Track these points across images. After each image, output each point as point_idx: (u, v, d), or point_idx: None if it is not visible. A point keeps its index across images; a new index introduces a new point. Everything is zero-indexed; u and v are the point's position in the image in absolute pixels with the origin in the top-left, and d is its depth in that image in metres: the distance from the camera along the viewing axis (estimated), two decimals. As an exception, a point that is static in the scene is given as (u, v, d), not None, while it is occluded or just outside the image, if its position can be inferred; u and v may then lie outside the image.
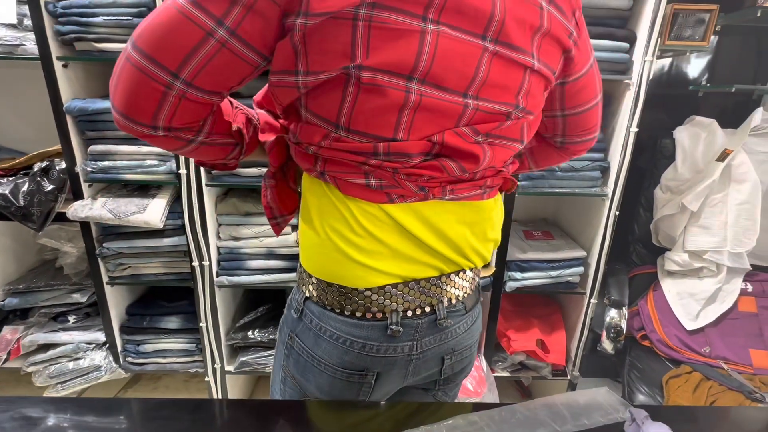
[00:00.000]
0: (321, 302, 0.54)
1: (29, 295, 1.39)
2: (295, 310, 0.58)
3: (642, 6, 1.13)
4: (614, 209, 1.27)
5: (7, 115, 1.52)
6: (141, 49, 0.41)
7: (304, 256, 0.56)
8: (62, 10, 1.09)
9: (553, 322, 1.49)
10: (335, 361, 0.54)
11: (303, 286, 0.57)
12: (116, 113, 0.44)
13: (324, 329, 0.54)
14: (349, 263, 0.51)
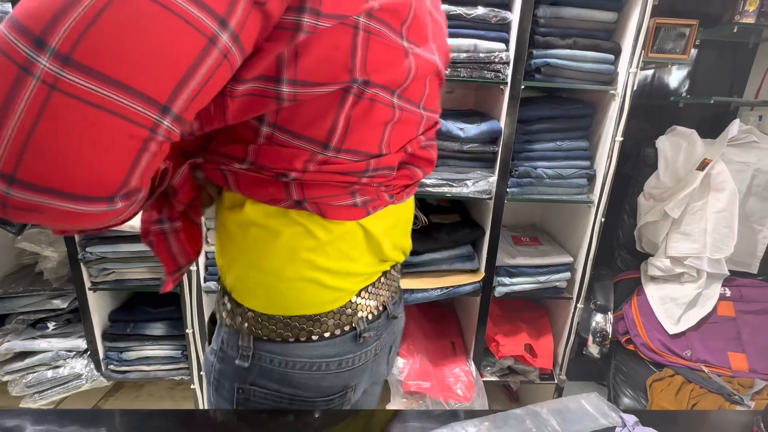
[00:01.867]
0: (282, 336, 0.47)
1: (6, 300, 1.34)
2: (240, 358, 0.48)
3: (627, 20, 1.17)
4: (600, 216, 1.30)
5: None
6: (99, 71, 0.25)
7: (253, 297, 0.47)
8: (47, 8, 1.06)
9: (541, 326, 1.51)
10: (312, 393, 0.49)
11: (247, 328, 0.48)
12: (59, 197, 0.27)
13: (292, 363, 0.48)
14: (322, 290, 0.47)
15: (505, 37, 1.15)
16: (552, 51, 1.15)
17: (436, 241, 1.33)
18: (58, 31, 0.25)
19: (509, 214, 1.71)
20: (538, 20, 1.14)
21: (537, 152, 1.26)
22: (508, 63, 1.15)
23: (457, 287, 1.32)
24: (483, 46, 1.14)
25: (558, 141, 1.27)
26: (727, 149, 1.35)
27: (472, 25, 1.14)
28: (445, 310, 1.71)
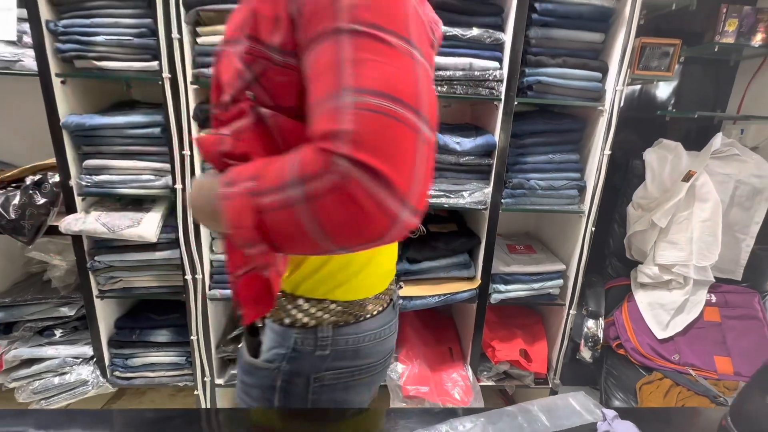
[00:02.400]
0: (355, 318, 0.58)
1: (15, 308, 1.37)
2: (320, 348, 0.56)
3: (613, 40, 1.24)
4: (590, 225, 1.36)
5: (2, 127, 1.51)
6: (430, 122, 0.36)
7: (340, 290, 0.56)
8: (63, 28, 1.11)
9: (535, 332, 1.56)
10: (374, 359, 0.61)
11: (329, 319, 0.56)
12: (412, 214, 0.35)
13: (362, 338, 0.59)
14: (384, 273, 0.61)
15: (499, 57, 1.22)
16: (543, 69, 1.22)
17: (434, 250, 1.38)
18: (422, 103, 0.36)
19: (504, 223, 1.76)
20: (529, 41, 1.21)
21: (530, 164, 1.32)
22: (501, 80, 1.21)
23: (454, 294, 1.36)
24: (478, 65, 1.20)
25: (550, 154, 1.33)
26: (711, 161, 1.42)
27: (468, 45, 1.20)
28: (443, 316, 1.76)
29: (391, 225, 0.34)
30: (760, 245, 1.42)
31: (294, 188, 0.34)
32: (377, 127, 0.33)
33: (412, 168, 0.34)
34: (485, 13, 1.21)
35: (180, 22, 1.11)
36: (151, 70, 1.15)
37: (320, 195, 0.33)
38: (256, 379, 0.59)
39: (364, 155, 0.32)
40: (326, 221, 0.34)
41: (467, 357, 1.50)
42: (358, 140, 0.32)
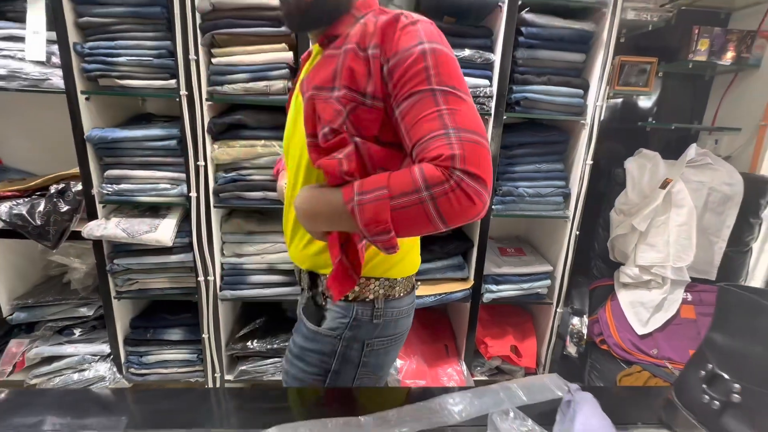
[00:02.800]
0: (404, 292, 0.76)
1: (37, 309, 1.46)
2: (375, 317, 0.73)
3: (594, 60, 1.35)
4: (575, 229, 1.46)
5: (17, 139, 1.60)
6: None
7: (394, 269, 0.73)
8: (89, 50, 1.22)
9: (526, 329, 1.66)
10: (405, 328, 0.79)
11: (383, 293, 0.73)
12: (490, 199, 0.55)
13: (402, 311, 0.76)
14: (414, 260, 0.79)
15: (489, 75, 1.33)
16: (529, 87, 1.33)
17: (430, 253, 1.48)
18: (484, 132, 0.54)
19: (497, 228, 1.88)
20: (517, 61, 1.32)
21: (518, 173, 1.43)
22: (491, 96, 1.32)
23: (449, 294, 1.47)
24: (470, 83, 1.31)
25: (537, 163, 1.44)
26: (686, 170, 1.53)
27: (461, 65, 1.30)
28: (439, 315, 1.86)
29: (484, 207, 0.53)
30: (732, 247, 1.53)
31: (424, 192, 0.51)
32: (472, 150, 0.51)
33: (491, 171, 0.53)
34: (476, 36, 1.32)
35: (197, 45, 1.22)
36: (170, 88, 1.25)
37: (445, 194, 0.50)
38: (318, 344, 0.74)
39: (470, 167, 0.50)
40: (447, 211, 0.51)
41: (462, 353, 1.60)
42: (465, 158, 0.50)
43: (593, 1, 1.27)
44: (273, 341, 1.54)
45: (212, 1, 1.20)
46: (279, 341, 1.55)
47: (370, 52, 0.57)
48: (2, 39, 1.23)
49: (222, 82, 1.26)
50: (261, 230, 1.45)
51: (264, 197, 1.36)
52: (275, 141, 1.32)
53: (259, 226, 1.45)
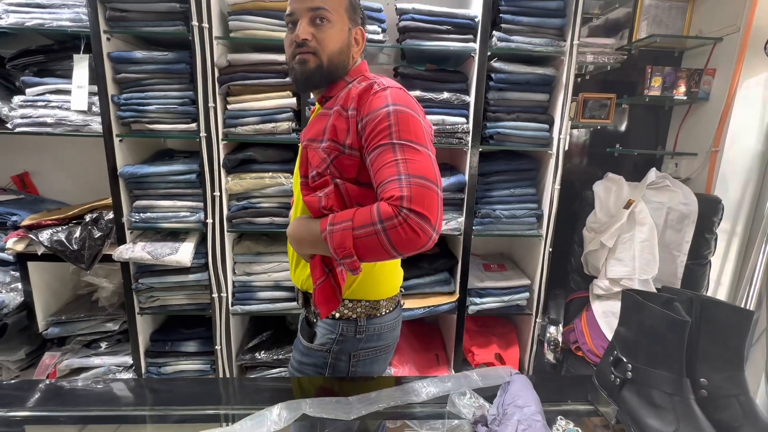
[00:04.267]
0: (387, 310, 0.89)
1: (69, 324, 1.64)
2: (358, 333, 0.86)
3: (556, 99, 1.56)
4: (548, 247, 1.63)
5: (53, 173, 1.82)
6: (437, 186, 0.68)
7: (372, 292, 0.86)
8: (124, 101, 1.44)
9: (509, 339, 1.81)
10: (391, 340, 0.91)
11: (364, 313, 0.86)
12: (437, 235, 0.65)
13: (384, 326, 0.88)
14: (393, 284, 0.92)
15: (465, 114, 1.53)
16: (501, 123, 1.53)
17: (419, 269, 1.65)
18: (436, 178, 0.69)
19: (482, 246, 2.05)
20: (489, 101, 1.53)
21: (495, 197, 1.62)
22: (468, 132, 1.52)
23: (437, 306, 1.63)
24: (449, 120, 1.51)
25: (511, 188, 1.62)
26: (647, 191, 1.71)
27: (440, 105, 1.51)
28: (430, 327, 2.01)
29: (428, 241, 0.65)
30: (692, 260, 1.69)
31: (378, 225, 0.64)
32: (419, 193, 0.64)
33: (437, 211, 0.66)
34: (453, 81, 1.54)
35: (215, 94, 1.43)
36: (191, 130, 1.46)
37: (393, 227, 0.63)
38: (311, 359, 0.88)
39: (416, 206, 0.64)
40: (396, 241, 0.64)
41: (451, 361, 1.75)
42: (411, 199, 0.64)
43: (552, 51, 1.48)
44: (278, 352, 1.70)
45: (228, 58, 1.43)
46: (284, 352, 1.70)
47: (349, 113, 0.75)
48: (51, 92, 1.45)
49: (236, 124, 1.47)
50: (268, 251, 1.63)
51: (271, 222, 1.55)
52: (281, 173, 1.52)
53: (266, 248, 1.64)
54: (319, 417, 0.69)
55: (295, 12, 0.79)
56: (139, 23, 1.39)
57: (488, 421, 0.64)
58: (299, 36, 0.78)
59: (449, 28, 1.46)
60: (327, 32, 0.79)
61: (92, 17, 1.35)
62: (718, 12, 1.72)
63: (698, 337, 0.65)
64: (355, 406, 0.72)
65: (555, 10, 1.47)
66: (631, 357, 0.69)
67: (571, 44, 1.47)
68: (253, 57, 1.43)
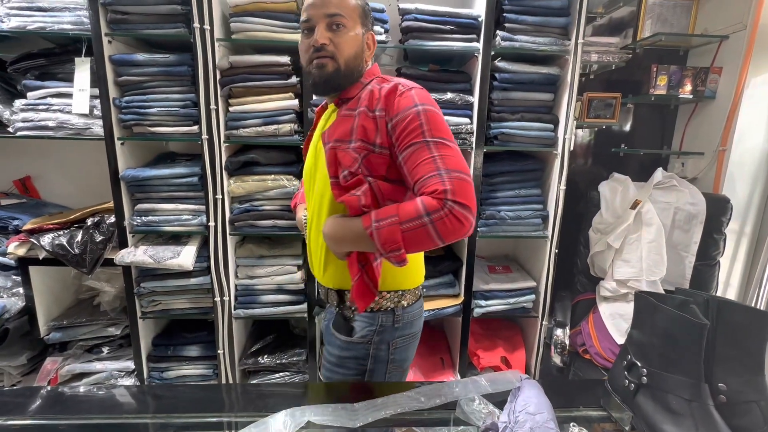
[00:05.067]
0: (416, 298, 0.94)
1: (70, 329, 1.63)
2: (396, 323, 0.90)
3: (561, 98, 1.54)
4: (554, 248, 1.61)
5: (55, 177, 1.82)
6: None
7: (409, 282, 0.91)
8: (125, 103, 1.43)
9: (515, 342, 1.79)
10: (419, 327, 0.96)
11: (399, 303, 0.90)
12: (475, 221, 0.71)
13: (414, 314, 0.93)
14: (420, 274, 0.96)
15: (469, 114, 1.52)
16: (505, 123, 1.51)
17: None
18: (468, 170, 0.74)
19: (487, 248, 2.03)
20: (493, 101, 1.51)
21: (500, 199, 1.60)
22: (472, 132, 1.51)
23: (442, 309, 1.61)
24: (453, 121, 1.50)
25: (516, 189, 1.60)
26: (654, 191, 1.68)
27: (444, 106, 1.49)
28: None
29: (470, 228, 0.71)
30: (701, 261, 1.66)
31: (425, 217, 0.69)
32: (459, 185, 0.70)
33: (474, 200, 0.71)
34: (457, 81, 1.52)
35: (216, 96, 1.43)
36: (193, 133, 1.45)
37: (440, 219, 0.69)
38: (352, 352, 0.90)
39: (459, 198, 0.69)
40: (443, 231, 0.69)
41: (456, 365, 1.72)
42: (454, 192, 0.69)
43: (556, 51, 1.47)
44: (282, 356, 1.68)
45: (230, 60, 1.42)
46: (287, 356, 1.69)
47: (377, 113, 0.78)
48: (53, 96, 1.44)
49: (238, 126, 1.46)
50: (271, 254, 1.62)
51: (274, 225, 1.54)
52: (284, 176, 1.51)
53: (269, 251, 1.62)
54: (323, 425, 0.67)
55: (312, 18, 0.81)
56: (140, 26, 1.38)
57: (499, 429, 0.62)
58: (318, 41, 0.80)
59: (452, 28, 1.45)
60: (343, 37, 0.82)
61: (93, 20, 1.35)
62: (723, 10, 1.70)
63: (715, 341, 0.63)
64: (361, 412, 0.70)
65: (559, 9, 1.45)
66: (646, 361, 0.67)
67: (576, 43, 1.45)
68: (255, 59, 1.42)
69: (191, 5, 1.34)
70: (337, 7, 0.81)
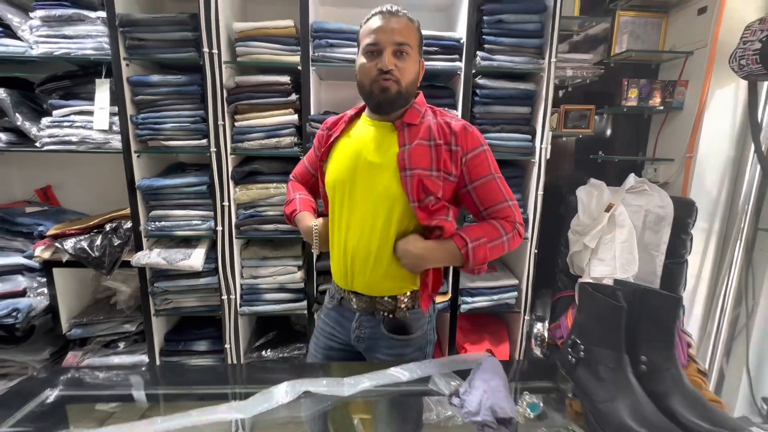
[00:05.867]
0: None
1: (90, 326, 1.77)
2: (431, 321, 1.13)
3: (537, 111, 1.68)
4: (533, 248, 1.75)
5: (74, 186, 1.97)
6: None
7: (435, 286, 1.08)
8: (141, 120, 1.58)
9: (501, 336, 1.92)
10: None
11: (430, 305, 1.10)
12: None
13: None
14: None
15: (454, 126, 1.66)
16: (486, 134, 1.66)
17: (413, 271, 1.77)
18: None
19: (475, 248, 2.16)
20: (475, 114, 1.66)
21: (483, 203, 1.73)
22: (456, 143, 1.65)
23: (431, 305, 1.74)
24: (438, 133, 1.64)
25: (498, 195, 1.74)
26: (626, 195, 1.82)
27: (430, 119, 1.64)
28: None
29: (522, 239, 0.99)
30: (670, 259, 1.80)
31: (504, 237, 0.95)
32: (518, 210, 0.99)
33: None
34: (442, 96, 1.67)
35: (224, 113, 1.58)
36: (202, 146, 1.60)
37: (513, 237, 0.97)
38: (414, 345, 1.06)
39: (519, 220, 0.99)
40: (512, 245, 0.97)
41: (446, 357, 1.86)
42: (517, 216, 0.99)
43: (532, 69, 1.61)
44: (284, 350, 1.82)
45: (236, 80, 1.57)
46: (288, 350, 1.82)
47: (453, 148, 0.95)
48: (76, 113, 1.60)
49: (243, 139, 1.61)
50: (273, 256, 1.76)
51: (276, 229, 1.68)
52: (284, 184, 1.66)
53: (272, 253, 1.77)
54: (319, 393, 0.81)
55: (380, 43, 0.91)
56: (155, 50, 1.54)
57: (460, 393, 0.76)
58: (386, 65, 0.91)
59: (437, 49, 1.60)
60: (407, 64, 0.94)
61: (113, 46, 1.50)
62: (688, 28, 1.85)
63: (639, 321, 0.77)
64: (350, 385, 0.84)
65: (533, 31, 1.60)
66: (584, 339, 0.80)
67: (549, 62, 1.60)
68: (259, 79, 1.57)
69: (201, 32, 1.50)
70: (404, 36, 0.91)
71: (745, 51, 1.56)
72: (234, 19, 1.60)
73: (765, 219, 1.89)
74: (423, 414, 0.79)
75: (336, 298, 1.11)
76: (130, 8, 1.55)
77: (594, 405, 0.72)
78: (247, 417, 0.75)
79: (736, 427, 0.64)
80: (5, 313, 1.60)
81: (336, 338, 1.10)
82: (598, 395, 0.73)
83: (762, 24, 1.54)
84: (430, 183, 0.93)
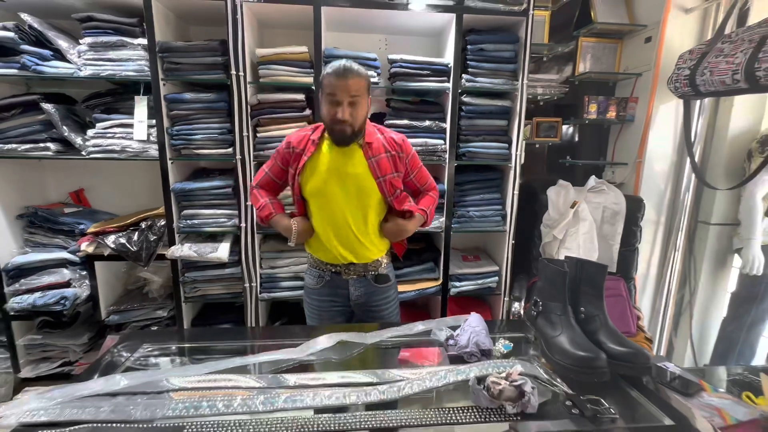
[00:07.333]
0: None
1: (126, 313, 2.00)
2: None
3: (513, 124, 2.00)
4: (511, 239, 2.07)
5: (105, 189, 2.20)
6: None
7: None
8: (176, 132, 1.83)
9: (485, 316, 2.23)
10: None
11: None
12: None
13: None
14: None
15: (443, 137, 1.97)
16: (471, 144, 1.97)
17: (410, 260, 2.07)
18: None
19: (461, 242, 2.48)
20: (461, 127, 1.96)
21: (469, 201, 2.05)
22: (446, 151, 1.96)
23: (425, 290, 2.04)
24: (430, 142, 1.94)
25: (481, 194, 2.06)
26: (588, 194, 2.16)
27: (423, 131, 1.94)
28: (420, 311, 2.42)
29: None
30: (624, 248, 2.14)
31: (437, 200, 1.52)
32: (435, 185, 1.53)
33: None
34: (432, 111, 1.97)
35: (248, 125, 1.84)
36: (228, 154, 1.86)
37: (439, 198, 1.54)
38: (392, 289, 1.51)
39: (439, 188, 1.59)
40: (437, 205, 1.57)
41: (437, 335, 2.15)
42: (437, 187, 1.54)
43: (508, 89, 1.93)
44: (298, 331, 2.09)
45: (258, 98, 1.84)
46: (302, 331, 2.09)
47: (401, 155, 1.38)
48: (117, 126, 1.83)
49: (264, 148, 1.88)
50: (288, 249, 2.03)
51: (292, 225, 1.95)
52: (300, 186, 1.93)
53: (287, 246, 2.03)
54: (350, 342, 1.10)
55: (337, 94, 1.21)
56: (189, 72, 1.79)
57: (454, 335, 1.06)
58: (343, 117, 1.22)
59: (429, 72, 1.90)
60: (359, 110, 1.25)
61: (152, 69, 1.75)
62: (638, 53, 2.21)
63: (580, 283, 1.08)
64: (372, 336, 1.13)
65: (509, 58, 1.92)
66: (542, 297, 1.11)
67: (522, 83, 1.92)
68: (278, 96, 1.84)
69: (229, 57, 1.76)
70: (356, 90, 1.21)
71: (678, 76, 1.91)
72: (255, 45, 1.86)
73: (702, 212, 2.26)
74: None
75: (324, 278, 1.44)
76: (163, 34, 1.79)
77: (547, 340, 1.02)
78: (301, 357, 1.02)
79: (638, 348, 0.96)
80: (54, 301, 1.82)
81: (337, 302, 1.46)
82: (550, 333, 1.04)
83: (691, 54, 1.89)
84: (396, 182, 1.36)
